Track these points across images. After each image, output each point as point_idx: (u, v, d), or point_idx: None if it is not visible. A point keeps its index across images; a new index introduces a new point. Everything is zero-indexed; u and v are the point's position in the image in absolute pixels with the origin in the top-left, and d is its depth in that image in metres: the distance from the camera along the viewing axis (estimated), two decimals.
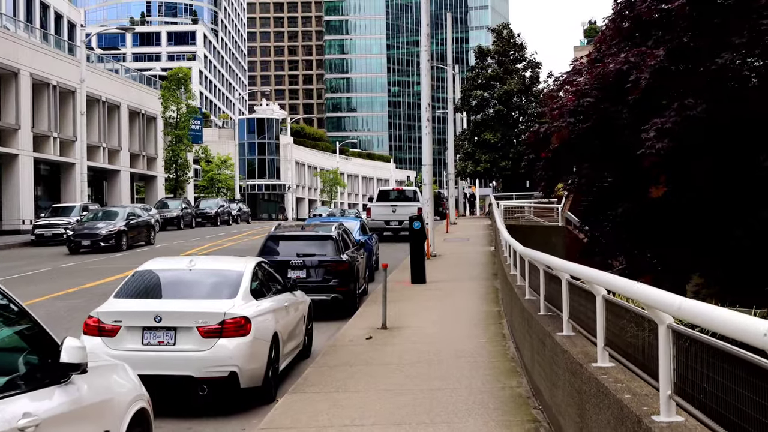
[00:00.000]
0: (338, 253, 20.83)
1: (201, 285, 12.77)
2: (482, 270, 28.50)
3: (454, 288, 23.89)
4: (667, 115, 18.91)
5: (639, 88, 19.50)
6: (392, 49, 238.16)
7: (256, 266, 13.68)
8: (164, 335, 11.68)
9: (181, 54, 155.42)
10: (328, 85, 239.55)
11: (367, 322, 18.38)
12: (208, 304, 12.02)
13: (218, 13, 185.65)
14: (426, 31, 33.07)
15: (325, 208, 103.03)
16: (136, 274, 13.11)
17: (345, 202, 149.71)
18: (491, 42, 78.58)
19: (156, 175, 79.41)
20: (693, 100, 19.25)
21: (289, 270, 20.37)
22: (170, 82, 75.88)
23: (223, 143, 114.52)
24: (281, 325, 13.34)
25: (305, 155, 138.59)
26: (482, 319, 18.39)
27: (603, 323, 6.93)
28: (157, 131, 79.25)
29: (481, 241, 40.83)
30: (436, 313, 19.43)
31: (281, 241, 21.55)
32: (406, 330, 17.17)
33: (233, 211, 75.98)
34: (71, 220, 47.58)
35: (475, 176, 77.00)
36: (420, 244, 25.24)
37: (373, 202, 45.78)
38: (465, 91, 74.48)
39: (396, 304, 20.47)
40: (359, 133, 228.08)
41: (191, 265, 13.17)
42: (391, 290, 22.14)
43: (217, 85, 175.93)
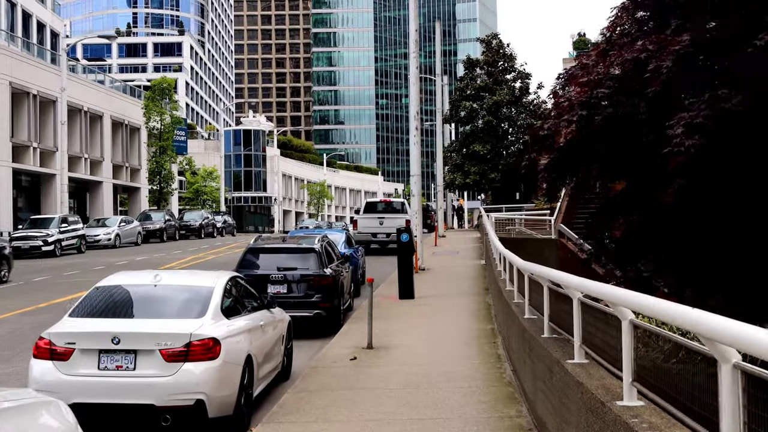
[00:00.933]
0: (321, 267, 19.63)
1: (166, 302, 11.54)
2: (473, 284, 27.32)
3: (444, 304, 22.68)
4: (696, 108, 16.93)
5: (659, 78, 17.28)
6: (380, 62, 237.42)
7: (228, 281, 12.47)
8: (123, 359, 10.45)
9: (168, 65, 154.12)
10: (316, 97, 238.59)
11: (352, 340, 17.18)
12: (172, 324, 10.80)
13: (205, 25, 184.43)
14: (414, 37, 31.98)
15: (312, 221, 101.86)
16: (95, 291, 11.86)
17: (332, 215, 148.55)
18: (480, 53, 77.65)
19: (140, 186, 78.05)
20: (727, 91, 16.95)
21: (269, 284, 19.20)
22: (154, 92, 74.60)
23: (209, 155, 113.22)
24: (256, 346, 12.13)
25: (292, 167, 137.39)
26: (475, 337, 17.19)
27: (631, 354, 5.75)
28: (141, 142, 77.93)
29: (470, 255, 39.67)
30: (425, 331, 18.21)
31: (261, 254, 20.32)
32: (393, 350, 15.96)
33: (218, 223, 74.86)
34: (50, 232, 46.41)
35: (464, 188, 75.94)
36: (408, 258, 24.04)
37: (359, 214, 44.60)
38: (454, 102, 73.43)
39: (383, 321, 19.28)
40: (347, 146, 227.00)
41: (156, 280, 11.93)
42: (378, 306, 20.96)
43: (204, 97, 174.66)
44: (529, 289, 11.55)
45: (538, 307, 10.82)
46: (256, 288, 18.97)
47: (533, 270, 10.67)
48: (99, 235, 53.03)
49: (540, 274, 9.82)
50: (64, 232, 47.56)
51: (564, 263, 31.63)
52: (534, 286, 11.27)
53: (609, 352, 6.65)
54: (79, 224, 50.07)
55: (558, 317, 9.22)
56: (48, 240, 45.82)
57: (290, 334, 15.12)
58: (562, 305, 8.92)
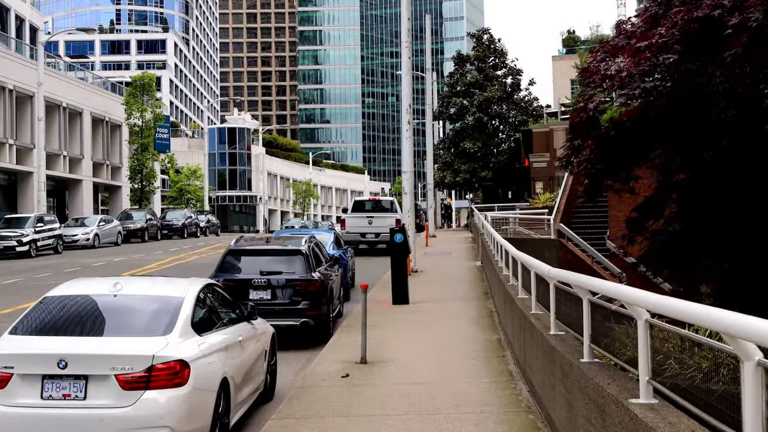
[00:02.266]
0: (309, 271, 17.84)
1: (126, 317, 9.72)
2: (470, 288, 25.57)
3: (442, 310, 20.88)
4: None
5: (748, 31, 13.80)
6: (366, 60, 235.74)
7: (202, 290, 10.67)
8: (71, 386, 8.65)
9: (151, 62, 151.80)
10: (302, 96, 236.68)
11: (343, 353, 15.42)
12: (132, 344, 8.99)
13: (190, 22, 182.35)
14: (407, 26, 30.20)
15: (297, 220, 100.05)
16: (43, 302, 10.02)
17: (318, 214, 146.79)
18: (470, 49, 75.95)
19: (121, 185, 76.07)
20: None
21: (251, 290, 17.43)
22: (135, 88, 72.60)
23: (192, 153, 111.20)
24: (234, 366, 10.36)
25: (277, 166, 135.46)
26: (480, 350, 15.45)
27: (760, 406, 4.02)
28: (122, 139, 75.97)
29: (464, 255, 37.97)
30: (424, 342, 16.43)
31: (242, 257, 18.49)
32: (389, 365, 14.20)
33: (201, 222, 73.01)
34: (25, 231, 44.49)
35: (455, 187, 74.24)
36: (402, 260, 22.26)
37: (347, 213, 42.85)
38: (443, 98, 71.69)
39: (376, 329, 17.50)
40: (333, 145, 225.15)
41: (116, 289, 10.10)
42: (370, 312, 19.18)
43: (189, 95, 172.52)
44: (556, 300, 9.79)
45: (571, 323, 9.10)
46: (237, 294, 17.22)
47: (564, 277, 8.91)
48: (77, 235, 51.10)
49: (577, 283, 8.05)
50: (40, 232, 45.59)
51: (564, 264, 29.89)
52: (563, 297, 9.52)
53: (698, 396, 4.92)
54: (55, 224, 48.11)
55: (609, 342, 7.46)
56: (23, 240, 43.86)
57: (274, 348, 13.35)
58: (609, 323, 7.20)
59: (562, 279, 8.98)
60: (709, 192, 18.25)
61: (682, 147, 18.30)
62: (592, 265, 31.32)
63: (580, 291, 8.03)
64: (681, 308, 5.26)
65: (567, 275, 8.71)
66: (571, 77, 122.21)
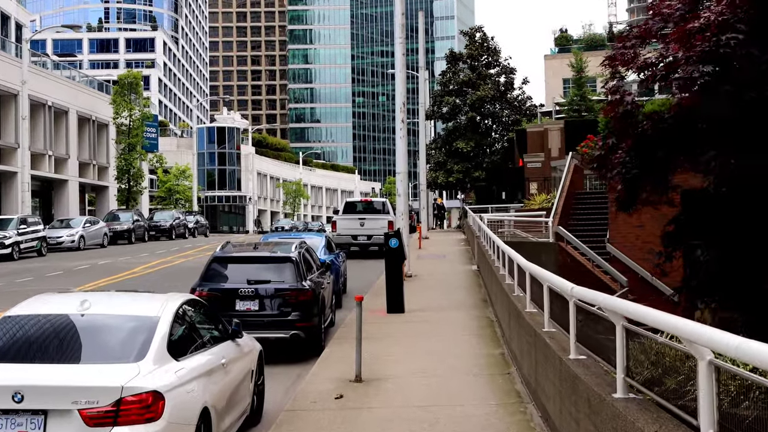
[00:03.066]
0: (299, 279, 16.76)
1: (93, 340, 8.61)
2: (468, 295, 24.48)
3: (439, 320, 19.78)
4: None
5: None
6: (357, 60, 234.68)
7: (181, 308, 9.60)
8: (28, 423, 7.58)
9: (140, 61, 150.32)
10: (292, 95, 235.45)
11: (336, 369, 14.36)
12: (98, 373, 7.90)
13: (179, 20, 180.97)
14: (401, 21, 29.09)
15: (287, 221, 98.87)
16: (1, 323, 8.94)
17: (308, 214, 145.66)
18: (463, 47, 74.85)
19: (108, 185, 74.78)
20: None
21: (238, 300, 16.37)
22: (122, 87, 71.35)
23: (181, 153, 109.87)
24: (216, 393, 9.28)
25: (267, 166, 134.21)
26: (483, 365, 14.39)
27: None
28: (109, 139, 74.71)
29: (459, 259, 36.88)
30: (423, 357, 15.34)
31: (229, 264, 17.37)
32: (386, 383, 13.14)
33: (190, 223, 71.69)
34: (7, 233, 43.27)
35: (447, 187, 73.11)
36: (397, 266, 21.16)
37: (338, 214, 41.74)
38: (436, 97, 70.54)
39: (371, 342, 16.44)
40: (323, 144, 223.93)
41: (84, 308, 9.00)
42: (364, 322, 18.14)
43: (178, 94, 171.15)
44: (576, 320, 8.72)
45: (596, 348, 8.06)
46: (223, 305, 16.17)
47: (590, 298, 7.82)
48: (62, 236, 49.85)
49: (611, 307, 6.98)
50: (23, 234, 44.36)
51: (563, 269, 28.86)
52: (586, 317, 8.47)
53: None
54: (39, 225, 46.87)
55: (640, 370, 6.41)
56: (5, 242, 42.61)
57: (261, 367, 12.28)
58: (651, 356, 6.15)
59: (588, 299, 7.91)
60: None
61: (746, 147, 15.82)
62: (592, 269, 30.34)
63: (613, 316, 6.97)
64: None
65: (594, 296, 7.64)
66: (563, 76, 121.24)
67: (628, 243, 31.20)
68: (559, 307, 10.31)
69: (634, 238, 31.08)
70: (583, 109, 76.24)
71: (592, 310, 8.03)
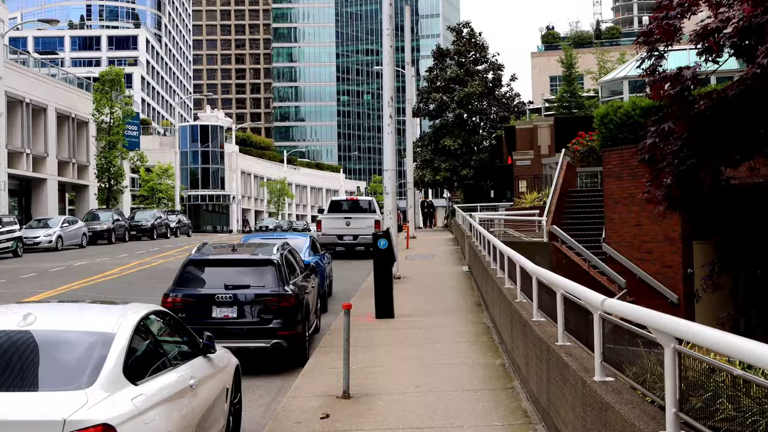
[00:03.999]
0: (282, 284, 15.47)
1: (35, 362, 7.25)
2: (460, 298, 23.21)
3: (431, 326, 18.48)
4: None
5: None
6: (342, 58, 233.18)
7: (142, 321, 8.29)
8: None
9: (122, 59, 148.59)
10: (276, 93, 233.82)
11: (322, 382, 13.10)
12: (37, 404, 6.58)
13: (162, 18, 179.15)
14: (389, 12, 27.80)
15: (272, 220, 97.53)
16: None
17: (293, 214, 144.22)
18: (449, 43, 73.57)
19: (88, 184, 73.20)
20: None
21: (215, 307, 15.07)
22: (103, 84, 69.81)
23: (164, 151, 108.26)
24: (182, 419, 7.99)
25: (251, 165, 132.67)
26: (483, 378, 13.12)
27: None
28: (89, 137, 73.16)
29: (448, 259, 35.65)
30: (416, 368, 14.06)
31: (205, 268, 16.05)
32: (377, 400, 11.86)
33: (172, 223, 70.23)
34: None
35: (435, 185, 71.81)
36: (387, 268, 19.87)
37: (323, 213, 40.47)
38: (423, 94, 69.30)
39: (359, 351, 15.20)
40: (308, 143, 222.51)
41: (27, 322, 7.68)
42: (351, 328, 16.90)
43: (161, 92, 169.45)
44: (602, 336, 7.46)
45: (617, 362, 6.83)
46: (198, 312, 14.89)
47: (630, 314, 6.55)
48: (39, 236, 48.39)
49: (660, 326, 5.71)
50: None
51: (558, 269, 27.57)
52: (614, 332, 7.21)
53: None
54: (15, 225, 45.37)
55: (693, 400, 5.16)
56: None
57: (238, 384, 10.99)
58: (711, 386, 4.91)
59: (626, 315, 6.62)
60: None
61: None
62: (588, 270, 29.11)
63: (661, 336, 5.71)
64: None
65: (634, 311, 6.37)
66: (550, 74, 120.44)
67: (626, 243, 30.02)
68: (575, 317, 9.07)
69: (632, 238, 29.92)
70: (573, 106, 75.28)
71: (628, 327, 6.77)
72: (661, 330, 5.65)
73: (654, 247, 29.13)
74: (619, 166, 30.46)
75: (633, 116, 30.73)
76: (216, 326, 14.93)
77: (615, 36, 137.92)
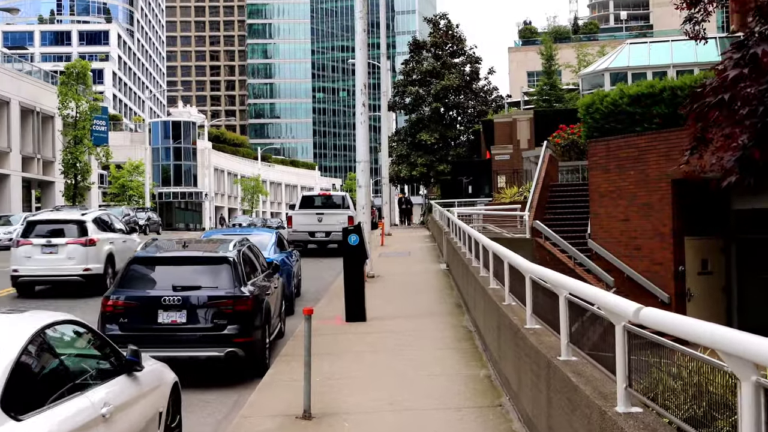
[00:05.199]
0: (238, 284, 13.67)
1: None
2: (439, 298, 21.45)
3: (407, 330, 16.70)
4: None
5: None
6: (317, 54, 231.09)
7: (39, 335, 6.51)
8: None
9: (94, 54, 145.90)
10: (251, 90, 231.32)
11: (281, 397, 11.37)
12: None
13: (134, 13, 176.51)
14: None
15: (245, 217, 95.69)
16: None
17: (267, 211, 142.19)
18: (427, 35, 71.79)
19: (54, 180, 70.99)
20: None
21: (161, 311, 13.26)
22: (68, 77, 67.61)
23: (135, 148, 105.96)
24: None
25: (225, 161, 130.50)
26: (467, 394, 11.36)
27: None
28: (55, 131, 70.95)
29: (426, 257, 33.92)
30: (389, 381, 12.30)
31: (152, 267, 14.22)
32: (343, 421, 10.14)
33: (141, 220, 68.00)
34: None
35: (411, 181, 69.97)
36: (358, 267, 18.08)
37: (295, 209, 38.69)
38: (398, 87, 67.50)
39: (324, 359, 13.47)
40: (283, 141, 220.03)
41: None
42: (317, 333, 15.16)
43: (133, 89, 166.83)
44: (628, 356, 5.73)
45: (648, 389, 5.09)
46: (142, 317, 13.09)
47: (675, 328, 4.81)
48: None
49: (741, 352, 3.98)
50: None
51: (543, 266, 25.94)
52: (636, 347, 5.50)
53: None
54: None
55: None
56: None
57: (177, 404, 9.23)
58: None
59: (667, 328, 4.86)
60: None
61: None
62: (574, 267, 27.40)
63: (736, 364, 3.98)
64: None
65: (688, 326, 4.62)
66: (528, 69, 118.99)
67: (612, 239, 28.37)
68: (585, 326, 7.37)
69: (619, 234, 28.27)
70: (553, 99, 73.74)
71: (671, 345, 5.05)
72: (737, 355, 3.93)
73: (643, 244, 27.50)
74: (606, 158, 28.82)
75: (620, 105, 29.10)
76: (163, 333, 13.19)
77: (593, 31, 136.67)
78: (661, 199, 26.78)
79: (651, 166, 27.22)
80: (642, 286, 26.89)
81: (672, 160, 26.37)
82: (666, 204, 26.67)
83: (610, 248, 28.39)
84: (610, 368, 6.32)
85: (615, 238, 28.34)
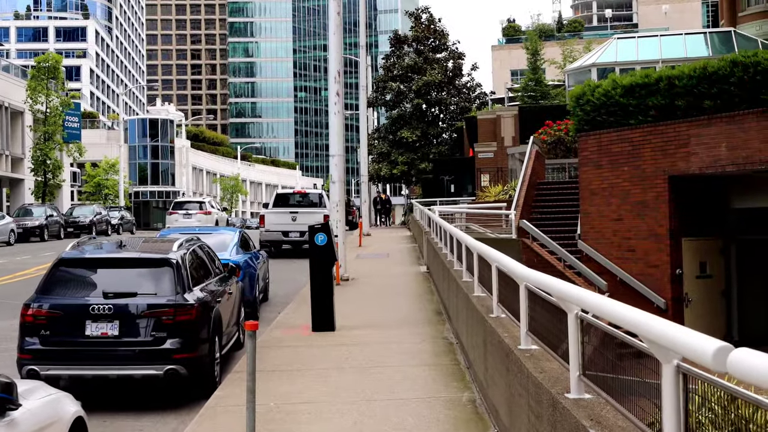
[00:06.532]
0: (181, 290, 11.70)
1: None
2: (417, 304, 19.52)
3: (381, 341, 14.73)
4: None
5: None
6: (299, 53, 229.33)
7: None
8: None
9: (71, 51, 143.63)
10: (232, 89, 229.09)
11: (226, 427, 9.44)
12: None
13: (113, 10, 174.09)
14: None
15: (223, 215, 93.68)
16: None
17: (247, 211, 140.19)
18: (409, 28, 69.98)
19: (23, 178, 68.80)
20: None
21: (89, 322, 11.27)
22: (38, 71, 65.47)
23: (111, 146, 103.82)
24: None
25: (203, 160, 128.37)
26: (445, 425, 9.44)
27: None
28: (24, 127, 68.77)
29: (404, 258, 32.02)
30: (356, 406, 10.34)
31: (80, 270, 12.24)
32: None
33: (114, 219, 65.89)
34: None
35: (392, 180, 68.12)
36: (326, 270, 16.09)
37: (268, 207, 36.76)
38: (379, 83, 65.65)
39: (284, 379, 11.54)
40: (264, 140, 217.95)
41: None
42: (279, 345, 13.23)
43: (112, 86, 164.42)
44: (681, 401, 3.81)
45: None
46: (68, 329, 11.14)
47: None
48: None
49: None
50: None
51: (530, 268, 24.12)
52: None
53: None
54: None
55: None
56: None
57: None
58: None
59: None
60: None
61: None
62: (564, 270, 25.54)
63: None
64: None
65: None
66: (511, 67, 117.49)
67: (604, 239, 26.52)
68: (602, 353, 5.49)
69: (611, 234, 26.43)
70: (539, 96, 72.09)
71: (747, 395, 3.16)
72: None
73: (637, 245, 25.66)
74: (598, 153, 26.95)
75: (613, 96, 27.21)
76: (91, 348, 11.23)
77: (577, 29, 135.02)
78: (657, 197, 24.98)
79: (646, 161, 25.40)
80: (636, 291, 25.06)
81: (668, 155, 24.62)
82: (662, 202, 24.88)
83: (601, 249, 26.56)
84: (644, 418, 4.45)
85: (607, 239, 26.51)
